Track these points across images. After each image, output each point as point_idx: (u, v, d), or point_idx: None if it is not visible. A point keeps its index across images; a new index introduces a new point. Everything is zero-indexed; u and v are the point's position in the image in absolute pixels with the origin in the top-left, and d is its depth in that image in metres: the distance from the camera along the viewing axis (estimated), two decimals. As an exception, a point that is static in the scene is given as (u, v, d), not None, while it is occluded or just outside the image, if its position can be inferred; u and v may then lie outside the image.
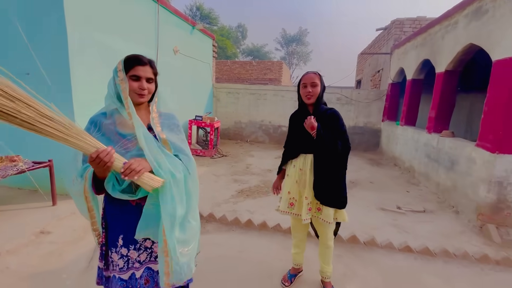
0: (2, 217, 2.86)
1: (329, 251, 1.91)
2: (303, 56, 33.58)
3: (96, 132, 1.09)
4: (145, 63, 1.11)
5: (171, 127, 1.24)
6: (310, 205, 1.77)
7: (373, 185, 4.59)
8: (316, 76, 1.69)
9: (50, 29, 3.14)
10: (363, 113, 7.39)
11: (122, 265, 1.15)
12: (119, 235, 1.15)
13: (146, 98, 1.15)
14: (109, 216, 1.18)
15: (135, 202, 1.14)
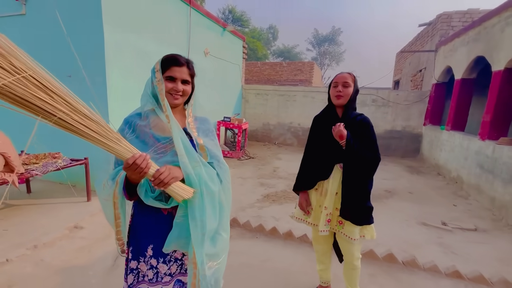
0: (42, 210, 3.06)
1: (356, 272, 1.69)
2: (336, 56, 32.45)
3: (130, 134, 1.06)
4: (182, 64, 1.06)
5: (206, 132, 1.17)
6: (329, 216, 1.59)
7: (413, 195, 4.16)
8: (349, 76, 1.54)
9: (88, 32, 3.32)
10: (402, 116, 6.81)
11: (151, 277, 1.09)
12: (149, 245, 1.09)
13: (181, 100, 1.10)
14: (138, 224, 1.13)
15: (167, 211, 1.08)
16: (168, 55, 1.07)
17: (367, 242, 2.61)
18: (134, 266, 1.12)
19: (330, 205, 1.59)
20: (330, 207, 1.60)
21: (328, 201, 1.59)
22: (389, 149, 7.00)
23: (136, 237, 1.12)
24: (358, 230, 1.57)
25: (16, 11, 3.59)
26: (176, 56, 1.07)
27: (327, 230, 1.61)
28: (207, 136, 1.16)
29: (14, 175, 2.61)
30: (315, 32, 31.71)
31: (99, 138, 0.85)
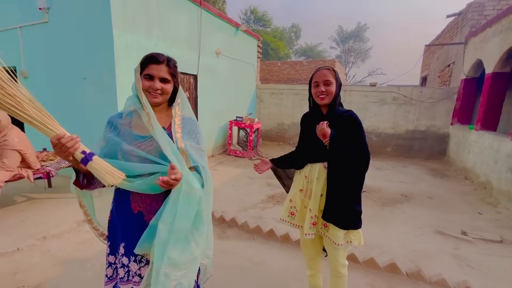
0: (58, 203, 3.28)
1: (342, 280, 1.57)
2: (362, 53, 31.18)
3: (110, 132, 1.09)
4: (160, 62, 1.05)
5: (190, 134, 1.14)
6: (314, 219, 1.51)
7: (432, 201, 3.83)
8: (329, 72, 1.43)
9: (98, 36, 3.49)
10: (426, 115, 6.33)
11: (122, 275, 1.11)
12: (121, 243, 1.11)
13: (161, 99, 1.09)
14: (113, 222, 1.16)
15: (137, 210, 1.08)
16: (148, 54, 1.07)
17: (369, 250, 2.45)
18: (112, 260, 1.15)
19: (315, 207, 1.51)
20: (315, 209, 1.51)
21: (312, 203, 1.51)
22: (412, 150, 6.54)
23: (112, 234, 1.15)
24: (342, 234, 1.46)
25: (40, 19, 3.88)
26: (154, 54, 1.06)
27: (313, 234, 1.52)
28: (190, 138, 1.13)
29: (29, 171, 2.82)
30: (339, 29, 30.72)
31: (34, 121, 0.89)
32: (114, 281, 1.15)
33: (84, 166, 0.93)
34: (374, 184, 4.44)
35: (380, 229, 2.92)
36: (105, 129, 1.11)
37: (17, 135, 2.73)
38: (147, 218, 1.08)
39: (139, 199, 1.08)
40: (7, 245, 2.35)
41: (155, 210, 1.05)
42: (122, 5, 3.48)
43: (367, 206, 3.52)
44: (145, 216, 1.08)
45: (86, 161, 0.91)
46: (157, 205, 1.07)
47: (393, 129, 6.66)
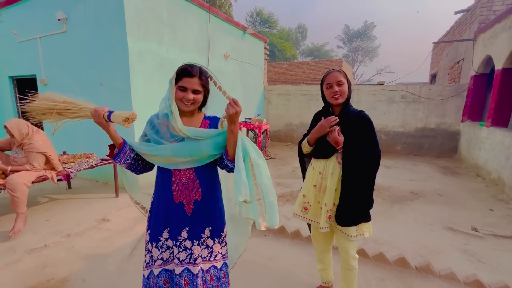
0: (78, 204, 3.45)
1: (352, 273, 1.64)
2: (369, 51, 30.88)
3: (150, 129, 1.27)
4: (193, 75, 1.17)
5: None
6: (329, 213, 1.57)
7: (442, 198, 3.83)
8: (340, 74, 1.52)
9: (113, 44, 3.67)
10: (436, 113, 6.28)
11: (167, 257, 1.26)
12: (165, 228, 1.26)
13: (192, 107, 1.22)
14: (155, 211, 1.30)
15: (178, 201, 1.23)
16: (183, 66, 1.20)
17: (378, 245, 2.50)
18: (150, 248, 1.28)
19: (330, 201, 1.57)
20: (330, 203, 1.57)
21: (328, 198, 1.57)
22: (422, 148, 6.50)
23: (153, 222, 1.29)
24: (355, 227, 1.54)
25: (59, 30, 4.10)
26: (188, 69, 1.18)
27: (328, 227, 1.59)
28: None
29: (53, 172, 3.00)
30: (346, 28, 30.54)
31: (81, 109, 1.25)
32: (150, 269, 1.28)
33: (109, 120, 1.15)
34: (383, 182, 4.46)
35: (390, 225, 2.96)
36: (146, 126, 1.29)
37: (40, 138, 2.91)
38: (187, 208, 1.23)
39: (180, 191, 1.22)
40: (35, 242, 2.52)
41: (194, 200, 1.23)
42: (135, 14, 3.65)
43: (376, 204, 3.52)
44: (185, 205, 1.23)
45: (109, 115, 1.15)
46: (195, 196, 1.23)
47: (402, 127, 6.63)
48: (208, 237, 1.28)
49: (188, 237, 1.24)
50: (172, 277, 1.26)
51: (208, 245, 1.28)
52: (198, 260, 1.24)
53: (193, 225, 1.24)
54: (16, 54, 4.88)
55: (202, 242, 1.27)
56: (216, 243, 1.30)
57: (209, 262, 1.29)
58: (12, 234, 2.54)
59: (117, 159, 1.22)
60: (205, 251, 1.28)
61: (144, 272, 1.30)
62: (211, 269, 1.30)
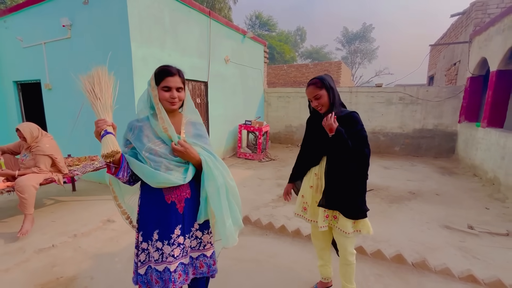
0: (83, 205, 3.53)
1: (350, 268, 1.71)
2: (368, 53, 31.10)
3: (132, 135, 1.26)
4: (174, 74, 1.23)
5: (197, 138, 1.34)
6: (326, 212, 1.65)
7: (439, 198, 3.91)
8: (315, 87, 1.57)
9: (117, 49, 3.77)
10: (433, 114, 6.38)
11: (157, 257, 1.28)
12: (155, 230, 1.27)
13: (178, 105, 1.28)
14: (144, 213, 1.31)
15: (170, 200, 1.26)
16: (161, 67, 1.26)
17: (376, 243, 2.58)
18: (145, 246, 1.30)
19: None
20: None
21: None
22: (420, 149, 6.58)
23: (144, 224, 1.31)
24: (351, 224, 1.61)
25: (63, 35, 4.20)
26: (167, 68, 1.24)
27: (326, 226, 1.66)
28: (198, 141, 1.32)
29: (59, 175, 3.08)
30: (345, 31, 30.79)
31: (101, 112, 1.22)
32: (146, 265, 1.32)
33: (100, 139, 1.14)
34: (382, 182, 4.54)
35: (388, 224, 3.04)
36: (127, 133, 1.28)
37: (48, 142, 2.99)
38: (178, 206, 1.28)
39: (171, 192, 1.27)
40: (44, 242, 2.60)
41: (185, 198, 1.28)
42: (139, 21, 3.75)
43: (374, 204, 3.63)
44: (177, 204, 1.28)
45: (103, 135, 1.14)
46: (185, 194, 1.29)
47: (401, 128, 6.72)
48: (197, 230, 1.35)
49: (181, 233, 1.29)
50: (161, 277, 1.28)
51: (197, 237, 1.36)
52: (189, 251, 1.34)
53: (185, 221, 1.30)
54: (20, 60, 4.98)
55: (192, 235, 1.34)
56: (205, 234, 1.38)
57: (198, 251, 1.37)
58: (20, 235, 2.62)
59: (119, 175, 1.21)
60: (194, 242, 1.35)
61: (140, 270, 1.32)
62: (200, 257, 1.38)
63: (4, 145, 3.02)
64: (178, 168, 1.25)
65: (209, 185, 1.25)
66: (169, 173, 1.21)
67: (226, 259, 2.30)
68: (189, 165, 1.27)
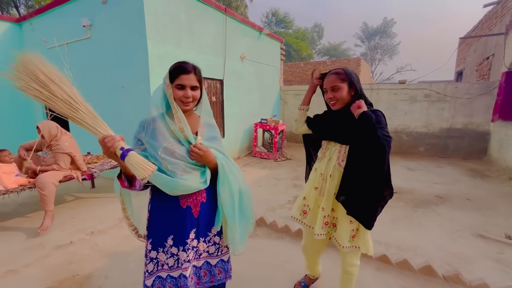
0: (101, 202, 3.59)
1: (350, 277, 1.57)
2: (389, 49, 29.94)
3: (145, 134, 1.17)
4: (189, 71, 1.15)
5: (211, 140, 1.27)
6: (326, 219, 1.50)
7: (471, 203, 3.61)
8: (337, 77, 1.40)
9: (134, 48, 3.79)
10: (462, 112, 5.94)
11: (172, 264, 1.21)
12: (169, 236, 1.20)
13: (191, 106, 1.20)
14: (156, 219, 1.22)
15: (186, 205, 1.18)
16: (177, 64, 1.17)
17: (401, 251, 2.39)
18: (154, 255, 1.21)
19: (328, 206, 1.49)
20: (328, 208, 1.50)
21: (325, 202, 1.49)
22: (447, 149, 6.17)
23: (155, 230, 1.22)
24: (348, 237, 1.45)
25: (84, 36, 4.30)
26: (183, 65, 1.16)
27: (323, 234, 1.50)
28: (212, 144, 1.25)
29: (78, 172, 3.14)
30: (364, 26, 29.81)
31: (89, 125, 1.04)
32: (154, 275, 1.22)
33: (122, 161, 0.99)
34: (405, 185, 4.28)
35: (413, 231, 2.83)
36: (139, 132, 1.18)
37: (67, 140, 3.05)
38: (194, 211, 1.21)
39: (187, 196, 1.18)
40: (62, 239, 2.64)
41: (200, 203, 1.21)
42: (155, 19, 3.74)
43: (398, 208, 3.41)
44: (193, 209, 1.20)
45: (123, 156, 0.98)
46: (201, 198, 1.22)
47: (426, 127, 6.33)
48: (215, 235, 1.29)
49: (195, 237, 1.23)
50: (177, 284, 1.21)
51: (215, 242, 1.29)
52: (203, 255, 1.27)
53: (200, 225, 1.23)
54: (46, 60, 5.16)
55: (209, 240, 1.27)
56: (222, 238, 1.31)
57: (216, 257, 1.31)
58: (40, 230, 2.68)
59: (136, 187, 1.13)
60: (212, 247, 1.29)
61: (147, 281, 1.22)
62: (219, 263, 1.32)
63: (27, 143, 3.11)
64: (194, 171, 1.17)
65: (223, 190, 1.20)
66: (185, 178, 1.12)
67: (240, 262, 2.20)
68: (206, 168, 1.20)
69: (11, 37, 5.52)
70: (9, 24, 5.50)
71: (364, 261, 2.27)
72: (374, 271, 2.15)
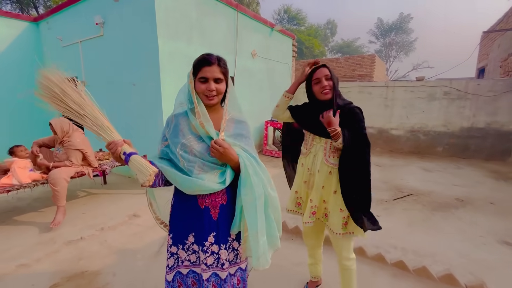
0: (112, 199, 3.62)
1: (349, 273, 1.59)
2: (405, 46, 29.03)
3: (169, 130, 1.15)
4: (212, 63, 1.08)
5: (235, 137, 1.17)
6: (314, 209, 1.57)
7: (495, 207, 3.39)
8: (328, 70, 1.49)
9: (145, 45, 3.78)
10: (485, 110, 5.63)
11: (194, 259, 1.19)
12: (190, 233, 1.18)
13: (216, 100, 1.13)
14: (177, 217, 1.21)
15: (204, 205, 1.14)
16: (200, 56, 1.11)
17: (419, 257, 2.26)
18: (174, 251, 1.21)
19: (316, 198, 1.56)
20: (316, 200, 1.56)
21: (314, 194, 1.56)
22: (467, 150, 5.87)
23: (176, 226, 1.21)
24: (340, 223, 1.51)
25: (96, 34, 4.34)
26: (206, 57, 1.09)
27: (311, 222, 1.59)
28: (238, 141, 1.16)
29: (89, 168, 3.16)
30: (379, 22, 28.98)
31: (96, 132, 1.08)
32: (175, 271, 1.21)
33: (126, 163, 1.03)
34: (423, 186, 4.08)
35: (432, 236, 2.67)
36: (165, 128, 1.18)
37: (78, 136, 3.08)
38: (212, 213, 1.15)
39: (205, 196, 1.13)
40: (73, 234, 2.67)
41: (220, 205, 1.15)
42: (165, 16, 3.72)
43: (415, 210, 3.25)
44: (211, 210, 1.14)
45: (126, 160, 1.02)
46: (221, 200, 1.15)
47: (445, 126, 6.05)
48: (234, 240, 1.21)
49: (215, 242, 1.16)
50: (199, 280, 1.20)
51: (234, 248, 1.22)
52: (226, 265, 1.18)
53: (220, 229, 1.17)
54: (60, 58, 5.28)
55: (229, 246, 1.20)
56: (241, 245, 1.23)
57: (235, 265, 1.24)
58: (52, 225, 2.72)
59: (154, 186, 1.12)
60: (231, 254, 1.21)
61: (168, 276, 1.22)
62: (237, 271, 1.25)
63: (40, 139, 3.17)
64: (212, 170, 1.11)
65: (245, 193, 1.08)
66: (202, 177, 1.07)
67: (249, 265, 2.15)
68: (227, 168, 1.12)
69: (30, 35, 5.68)
70: (27, 24, 5.66)
71: (379, 267, 2.16)
72: (390, 278, 2.04)
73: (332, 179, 1.51)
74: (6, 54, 5.41)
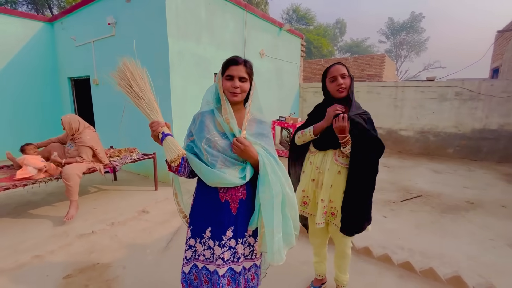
0: (122, 195, 3.71)
1: (346, 260, 1.73)
2: (416, 45, 28.49)
3: (195, 126, 1.23)
4: (239, 63, 1.17)
5: (256, 136, 1.23)
6: (325, 208, 1.59)
7: (507, 210, 3.31)
8: (344, 67, 1.51)
9: (155, 44, 3.85)
10: (498, 112, 5.49)
11: (208, 256, 1.22)
12: (207, 227, 1.22)
13: (240, 97, 1.19)
14: (198, 209, 1.26)
15: (224, 199, 1.19)
16: (229, 58, 1.20)
17: (426, 259, 2.24)
18: (192, 243, 1.26)
19: (326, 197, 1.58)
20: (326, 199, 1.58)
21: (324, 194, 1.57)
22: (479, 152, 5.74)
23: (196, 219, 1.26)
24: None
25: (108, 33, 4.44)
26: (234, 57, 1.19)
27: (323, 223, 1.60)
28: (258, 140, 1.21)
29: (100, 165, 3.25)
30: (390, 21, 28.54)
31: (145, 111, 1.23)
32: (192, 263, 1.26)
33: (161, 143, 1.14)
34: (432, 188, 4.02)
35: (440, 237, 2.64)
36: (191, 124, 1.26)
37: (89, 133, 3.17)
38: (232, 207, 1.19)
39: (226, 190, 1.18)
40: (85, 228, 2.75)
41: (239, 199, 1.19)
42: (175, 16, 3.78)
43: (423, 212, 3.21)
44: (231, 204, 1.19)
45: (162, 139, 1.14)
46: (240, 195, 1.20)
47: (456, 128, 5.93)
48: (250, 236, 1.25)
49: (233, 236, 1.20)
50: (210, 278, 1.22)
51: (250, 244, 1.25)
52: (241, 259, 1.22)
53: (238, 224, 1.20)
54: (74, 57, 5.43)
55: (245, 241, 1.23)
56: (257, 240, 1.26)
57: (251, 260, 1.27)
58: (66, 219, 2.81)
59: (180, 172, 1.20)
60: (247, 249, 1.25)
61: (184, 268, 1.28)
62: (252, 267, 1.28)
63: (55, 137, 3.28)
64: (234, 166, 1.17)
65: (263, 190, 1.13)
66: (224, 170, 1.14)
67: (255, 262, 2.18)
68: (247, 165, 1.18)
69: (45, 35, 5.86)
70: (42, 24, 5.84)
71: (386, 267, 2.15)
72: (397, 279, 2.03)
73: (340, 178, 1.52)
74: (22, 53, 5.60)
